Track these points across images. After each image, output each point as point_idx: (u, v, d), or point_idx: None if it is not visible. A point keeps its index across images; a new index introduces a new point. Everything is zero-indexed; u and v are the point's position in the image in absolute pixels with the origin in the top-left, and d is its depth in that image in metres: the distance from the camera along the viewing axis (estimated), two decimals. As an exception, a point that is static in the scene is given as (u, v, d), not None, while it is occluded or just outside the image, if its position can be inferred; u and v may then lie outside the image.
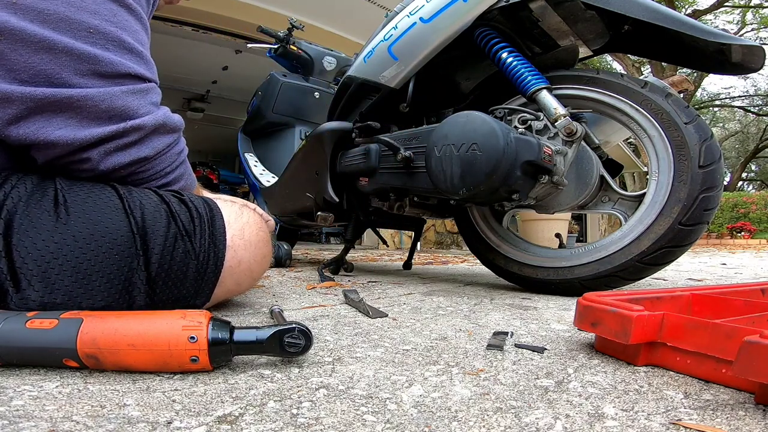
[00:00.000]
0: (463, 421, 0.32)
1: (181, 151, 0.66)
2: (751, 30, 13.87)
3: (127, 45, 0.56)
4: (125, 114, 0.56)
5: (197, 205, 0.61)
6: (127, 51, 0.56)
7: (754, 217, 11.47)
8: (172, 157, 0.64)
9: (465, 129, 0.87)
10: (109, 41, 0.54)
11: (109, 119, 0.55)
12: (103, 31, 0.53)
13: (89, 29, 0.52)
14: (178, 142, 0.65)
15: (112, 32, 0.54)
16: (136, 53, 0.57)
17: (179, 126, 0.64)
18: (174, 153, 0.64)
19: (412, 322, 0.68)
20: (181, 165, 0.66)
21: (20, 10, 0.48)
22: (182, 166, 0.67)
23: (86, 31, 0.52)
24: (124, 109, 0.55)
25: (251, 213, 0.69)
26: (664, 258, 0.87)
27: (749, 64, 0.90)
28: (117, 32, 0.54)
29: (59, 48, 0.50)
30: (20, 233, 0.49)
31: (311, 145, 1.32)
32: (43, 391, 0.37)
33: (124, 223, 0.54)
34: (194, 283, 0.59)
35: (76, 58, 0.51)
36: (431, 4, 1.03)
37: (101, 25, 0.53)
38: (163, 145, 0.61)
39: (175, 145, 0.64)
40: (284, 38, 1.97)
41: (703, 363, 0.41)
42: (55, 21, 0.50)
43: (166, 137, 0.61)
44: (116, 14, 0.55)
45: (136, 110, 0.57)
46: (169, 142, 0.62)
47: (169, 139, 0.62)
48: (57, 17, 0.50)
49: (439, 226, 4.89)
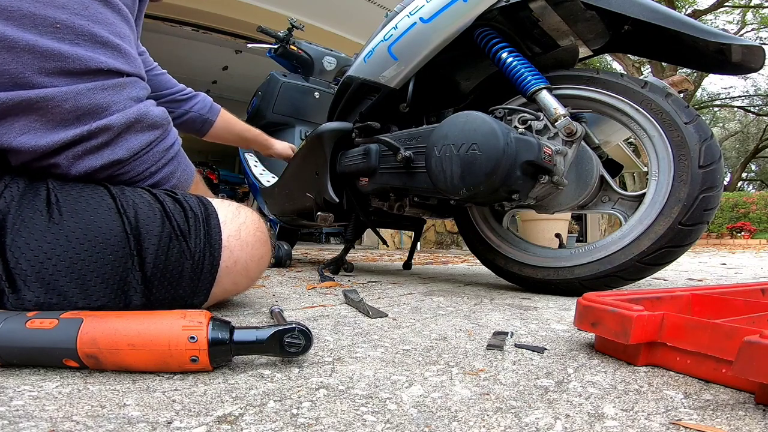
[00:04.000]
0: (463, 421, 0.32)
1: (169, 147, 0.62)
2: (751, 30, 13.87)
3: (99, 38, 0.53)
4: (94, 112, 0.53)
5: (192, 205, 0.60)
6: (99, 45, 0.53)
7: (754, 217, 11.47)
8: (155, 155, 0.60)
9: (465, 129, 0.87)
10: (78, 35, 0.51)
11: (77, 119, 0.52)
12: (71, 25, 0.51)
13: (55, 24, 0.50)
14: (164, 138, 0.61)
15: (82, 26, 0.51)
16: (112, 46, 0.54)
17: (160, 121, 0.60)
18: (158, 151, 0.60)
19: (412, 322, 0.68)
20: (170, 162, 0.63)
21: None
22: (172, 163, 0.63)
23: (52, 27, 0.49)
24: (92, 108, 0.52)
25: (248, 213, 0.68)
26: (664, 258, 0.87)
27: (749, 64, 0.90)
28: (88, 25, 0.52)
29: (20, 46, 0.48)
30: (13, 233, 0.49)
31: (311, 145, 1.32)
32: (43, 391, 0.37)
33: (117, 223, 0.53)
34: (191, 283, 0.58)
35: (40, 56, 0.49)
36: (431, 4, 1.03)
37: (69, 19, 0.51)
38: (139, 144, 0.57)
39: (159, 143, 0.60)
40: (284, 38, 1.97)
41: (703, 363, 0.41)
42: (18, 17, 0.48)
43: (143, 135, 0.58)
44: (88, 7, 0.52)
45: (106, 107, 0.53)
46: (148, 140, 0.58)
47: (146, 137, 0.58)
48: (20, 13, 0.48)
49: (439, 226, 4.89)
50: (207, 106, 1.30)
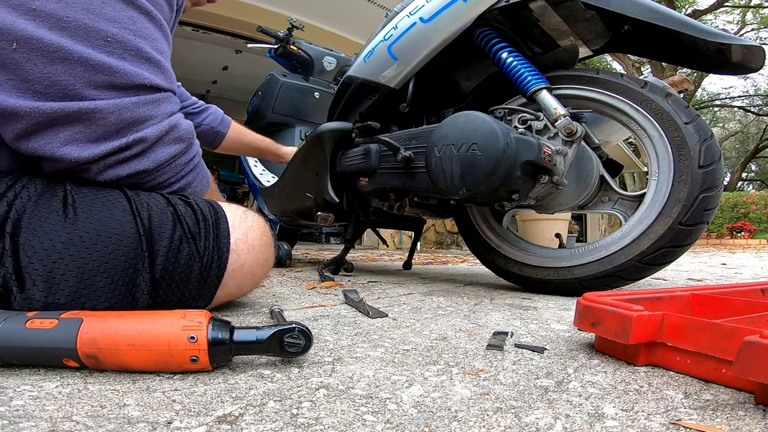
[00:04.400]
0: (463, 421, 0.32)
1: (190, 159, 0.64)
2: (751, 30, 13.88)
3: (144, 54, 0.55)
4: (133, 125, 0.54)
5: (203, 208, 0.61)
6: (144, 60, 0.55)
7: (754, 217, 11.47)
8: (177, 167, 0.62)
9: (465, 129, 0.87)
10: (126, 50, 0.53)
11: (117, 132, 0.54)
12: (121, 40, 0.52)
13: (107, 38, 0.51)
14: (187, 151, 0.63)
15: (130, 41, 0.53)
16: (154, 62, 0.56)
17: (186, 135, 0.62)
18: (180, 163, 0.62)
19: (412, 322, 0.68)
20: (189, 173, 0.65)
21: (39, 17, 0.47)
22: (191, 174, 0.65)
23: (104, 40, 0.51)
24: (133, 121, 0.54)
25: (255, 217, 0.69)
26: (664, 258, 0.87)
27: (749, 64, 0.90)
28: (135, 41, 0.53)
29: (74, 58, 0.49)
30: (28, 232, 0.49)
31: (311, 145, 1.32)
32: (43, 391, 0.37)
33: (131, 224, 0.54)
34: (197, 286, 0.58)
35: (91, 69, 0.50)
36: (431, 4, 1.03)
37: (119, 33, 0.52)
38: (165, 156, 0.59)
39: (183, 155, 0.62)
40: (284, 38, 1.97)
41: (703, 363, 0.41)
42: (74, 29, 0.49)
43: (170, 147, 0.60)
44: (136, 22, 0.54)
45: (145, 120, 0.55)
46: (173, 153, 0.60)
47: (173, 149, 0.60)
48: (75, 25, 0.49)
49: (439, 226, 4.89)
50: (218, 119, 1.31)
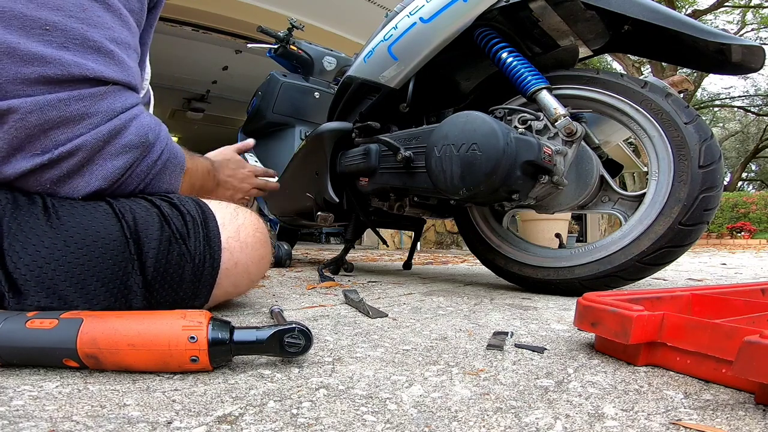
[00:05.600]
0: (463, 421, 0.32)
1: (153, 162, 0.57)
2: (751, 30, 13.88)
3: (92, 43, 0.50)
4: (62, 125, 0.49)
5: (189, 209, 0.59)
6: (91, 50, 0.50)
7: (754, 217, 11.47)
8: (139, 176, 0.56)
9: (465, 129, 0.87)
10: (69, 39, 0.48)
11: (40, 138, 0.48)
12: (63, 28, 0.48)
13: (45, 26, 0.47)
14: (146, 155, 0.56)
15: (75, 29, 0.48)
16: (104, 52, 0.51)
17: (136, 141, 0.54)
18: (141, 171, 0.56)
19: (412, 322, 0.68)
20: (158, 175, 0.59)
21: None
22: (160, 175, 0.59)
23: (41, 29, 0.46)
24: (61, 120, 0.48)
25: (247, 214, 0.67)
26: (664, 258, 0.87)
27: (749, 64, 0.90)
28: (81, 29, 0.49)
29: (1, 49, 0.45)
30: (10, 237, 0.47)
31: (311, 145, 1.32)
32: (43, 391, 0.37)
33: (116, 227, 0.52)
34: (191, 286, 0.58)
35: (19, 60, 0.45)
36: (431, 4, 1.03)
37: (62, 21, 0.48)
38: (115, 169, 0.53)
39: (140, 163, 0.55)
40: (284, 38, 1.98)
41: (703, 363, 0.41)
42: (8, 19, 0.45)
43: (118, 159, 0.53)
44: (85, 9, 0.49)
45: (77, 120, 0.49)
46: (125, 163, 0.53)
47: (122, 160, 0.53)
48: (10, 14, 0.46)
49: (439, 226, 4.89)
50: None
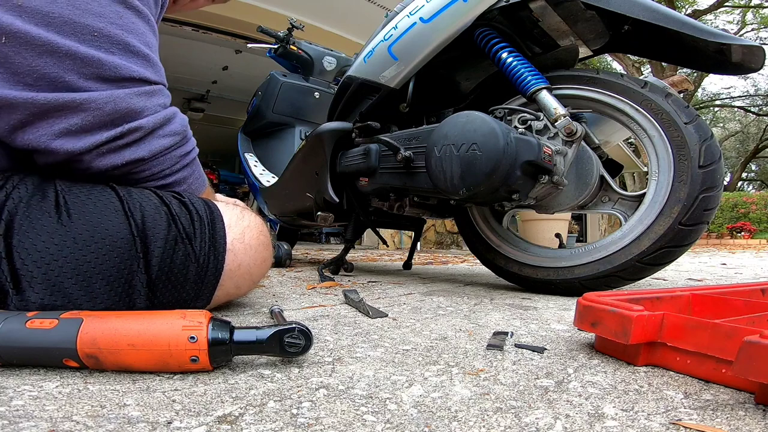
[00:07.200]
0: (463, 421, 0.32)
1: (186, 153, 0.64)
2: (751, 30, 13.88)
3: (132, 48, 0.55)
4: (129, 116, 0.55)
5: (198, 208, 0.61)
6: (132, 54, 0.55)
7: (754, 217, 11.48)
8: (173, 159, 0.62)
9: (465, 129, 0.87)
10: (113, 44, 0.53)
11: (112, 122, 0.54)
12: (108, 34, 0.53)
13: (93, 32, 0.52)
14: (183, 144, 0.63)
15: (117, 35, 0.53)
16: (142, 56, 0.56)
17: (181, 128, 0.63)
18: (175, 156, 0.62)
19: (412, 322, 0.68)
20: (185, 168, 0.65)
21: (25, 12, 0.48)
22: (186, 169, 0.65)
23: (90, 35, 0.51)
24: (129, 111, 0.55)
25: (252, 217, 0.69)
26: (664, 258, 0.87)
27: (749, 64, 0.90)
28: (122, 35, 0.54)
29: (63, 51, 0.49)
30: (20, 234, 0.49)
31: (311, 145, 1.32)
32: (43, 391, 0.37)
33: (124, 225, 0.54)
34: (194, 286, 0.58)
35: (80, 62, 0.51)
36: (431, 4, 1.03)
37: (106, 27, 0.52)
38: (160, 147, 0.60)
39: (177, 148, 0.62)
40: (284, 38, 1.97)
41: (703, 363, 0.41)
42: (60, 24, 0.50)
43: (165, 139, 0.60)
44: (122, 16, 0.54)
45: (141, 111, 0.56)
46: (169, 144, 0.61)
47: (168, 140, 0.60)
48: (62, 20, 0.50)
49: (439, 226, 4.89)
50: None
